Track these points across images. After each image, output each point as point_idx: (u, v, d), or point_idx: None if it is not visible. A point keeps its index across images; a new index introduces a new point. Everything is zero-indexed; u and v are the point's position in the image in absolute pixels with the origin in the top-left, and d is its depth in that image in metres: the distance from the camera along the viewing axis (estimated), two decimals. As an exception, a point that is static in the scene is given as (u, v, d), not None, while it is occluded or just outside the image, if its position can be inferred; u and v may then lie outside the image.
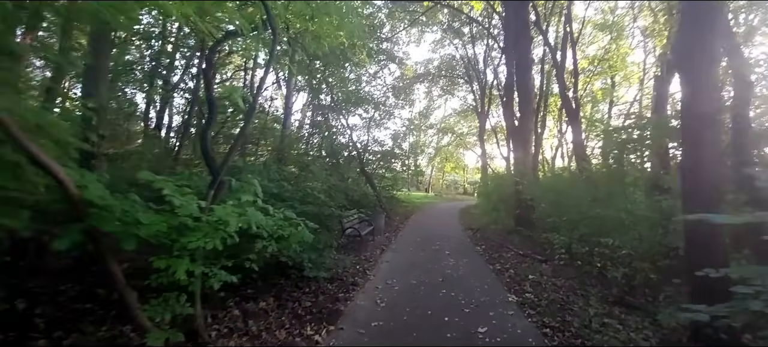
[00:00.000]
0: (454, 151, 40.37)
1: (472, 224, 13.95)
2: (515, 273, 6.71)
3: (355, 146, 15.95)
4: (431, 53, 29.03)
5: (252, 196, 3.17)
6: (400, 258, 7.46)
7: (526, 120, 11.14)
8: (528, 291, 5.58)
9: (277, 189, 5.36)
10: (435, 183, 44.63)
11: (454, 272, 6.57)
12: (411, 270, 6.53)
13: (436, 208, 21.85)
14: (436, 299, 5.03)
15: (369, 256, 7.52)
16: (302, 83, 15.74)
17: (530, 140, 11.49)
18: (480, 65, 25.77)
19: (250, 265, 3.44)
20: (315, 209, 5.19)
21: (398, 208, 17.76)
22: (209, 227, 2.64)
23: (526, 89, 11.09)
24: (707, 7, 3.79)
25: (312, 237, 3.65)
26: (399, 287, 5.42)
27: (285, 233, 3.40)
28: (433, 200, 28.80)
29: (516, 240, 9.98)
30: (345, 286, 5.22)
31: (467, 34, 25.15)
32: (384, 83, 19.47)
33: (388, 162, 18.17)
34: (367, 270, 6.26)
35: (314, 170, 10.56)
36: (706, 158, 3.60)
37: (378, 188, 15.89)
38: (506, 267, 7.15)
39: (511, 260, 7.82)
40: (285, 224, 3.47)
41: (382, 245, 8.98)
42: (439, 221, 15.01)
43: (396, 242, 9.54)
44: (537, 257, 7.70)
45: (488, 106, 26.62)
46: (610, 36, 21.08)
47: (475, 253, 8.45)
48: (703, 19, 3.75)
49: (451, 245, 9.36)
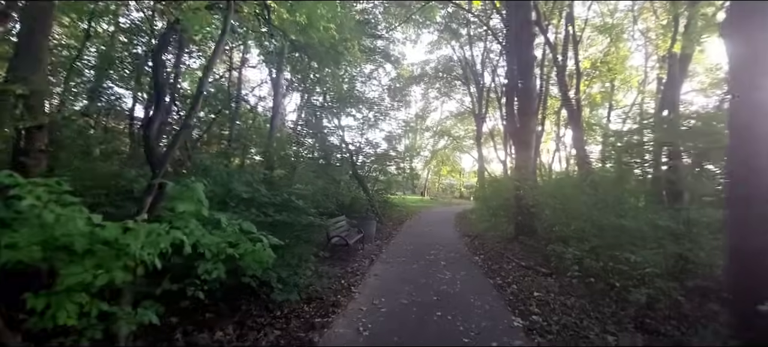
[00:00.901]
0: (450, 154, 39.79)
1: (470, 231, 13.26)
2: (519, 288, 6.01)
3: (347, 148, 15.23)
4: (428, 54, 28.35)
5: (193, 204, 2.44)
6: (390, 271, 6.74)
7: (528, 121, 10.49)
8: (535, 312, 4.88)
9: (248, 194, 4.63)
10: (431, 187, 43.95)
11: (450, 288, 5.86)
12: (402, 285, 5.81)
13: (431, 212, 21.15)
14: (430, 324, 4.31)
15: (356, 268, 6.80)
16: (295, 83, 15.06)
17: (532, 142, 10.84)
18: (477, 67, 25.22)
19: (195, 292, 2.72)
20: (292, 218, 4.46)
21: (392, 212, 17.03)
22: (108, 252, 1.91)
23: (528, 88, 10.44)
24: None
25: (273, 257, 2.92)
26: (387, 309, 4.70)
27: (239, 252, 2.67)
28: (429, 204, 28.11)
29: (517, 249, 9.29)
30: (324, 308, 4.49)
31: (465, 35, 24.62)
32: (379, 83, 18.84)
33: (382, 165, 17.46)
34: (352, 287, 5.53)
35: (301, 172, 9.84)
36: (764, 153, 2.88)
37: (371, 192, 15.17)
38: (508, 282, 6.45)
39: (512, 273, 7.13)
40: (241, 240, 2.75)
41: (372, 254, 8.26)
42: (435, 226, 14.31)
43: (387, 250, 8.82)
44: (541, 270, 7.01)
45: (486, 109, 26.05)
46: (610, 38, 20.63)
47: (473, 264, 7.75)
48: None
49: (447, 254, 8.65)
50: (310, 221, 4.47)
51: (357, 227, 9.07)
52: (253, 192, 4.60)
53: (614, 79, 23.53)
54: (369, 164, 17.32)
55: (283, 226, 4.39)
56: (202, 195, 2.49)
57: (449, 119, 35.84)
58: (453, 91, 30.74)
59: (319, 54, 10.61)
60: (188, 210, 2.41)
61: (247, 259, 2.76)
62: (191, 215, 2.44)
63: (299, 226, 4.43)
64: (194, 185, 2.52)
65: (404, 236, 11.43)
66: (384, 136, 18.30)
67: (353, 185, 14.77)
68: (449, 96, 31.71)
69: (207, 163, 5.27)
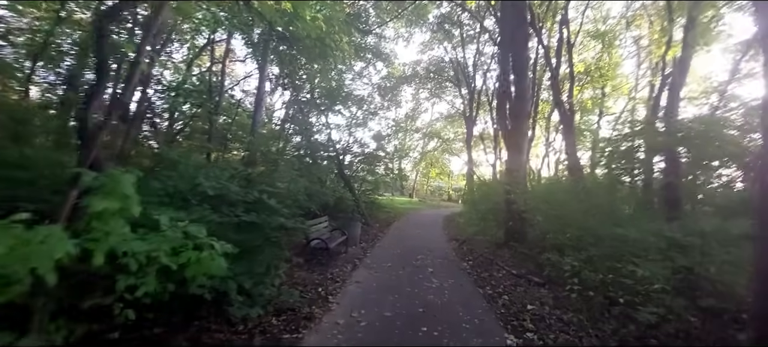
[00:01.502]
0: (439, 156, 39.52)
1: (458, 235, 12.85)
2: (510, 300, 5.58)
3: (333, 146, 14.68)
4: (420, 55, 27.97)
5: (117, 200, 1.91)
6: (374, 278, 6.24)
7: (521, 123, 10.12)
8: (529, 328, 4.45)
9: (214, 191, 4.08)
10: (419, 189, 43.61)
11: (437, 297, 5.39)
12: (386, 294, 5.32)
13: (419, 215, 20.71)
14: (415, 341, 3.84)
15: (337, 274, 6.28)
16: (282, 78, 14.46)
17: (524, 145, 10.48)
18: (469, 69, 24.94)
19: (123, 311, 2.19)
20: (261, 219, 3.93)
21: (379, 214, 16.54)
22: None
23: (522, 89, 10.07)
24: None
25: (223, 268, 2.39)
26: (367, 322, 4.19)
27: (179, 262, 2.15)
28: (417, 207, 27.70)
29: (507, 256, 8.89)
30: (295, 321, 3.96)
31: (457, 36, 24.33)
32: (370, 82, 18.33)
33: (370, 165, 16.95)
34: (330, 296, 5.01)
35: (283, 169, 9.28)
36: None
37: (358, 192, 14.65)
38: (499, 292, 6.02)
39: (503, 281, 6.70)
40: (185, 246, 2.23)
41: (355, 258, 7.75)
42: (423, 229, 13.85)
43: (372, 254, 8.32)
44: (534, 280, 6.60)
45: (476, 111, 25.79)
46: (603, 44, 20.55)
47: (461, 271, 7.31)
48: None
49: (434, 259, 8.20)
50: (281, 223, 3.93)
51: (340, 230, 8.56)
52: (221, 189, 4.06)
53: (605, 86, 23.54)
54: (356, 163, 16.81)
55: (250, 228, 3.86)
56: (130, 189, 1.97)
57: (439, 120, 35.60)
58: (444, 92, 30.45)
59: (306, 47, 10.09)
60: (110, 208, 1.89)
61: (192, 270, 2.24)
62: (115, 214, 1.92)
63: (269, 228, 3.90)
64: (121, 176, 1.99)
65: (391, 239, 10.95)
66: (372, 135, 17.76)
67: (339, 184, 14.23)
68: (440, 97, 31.42)
69: (174, 156, 4.68)
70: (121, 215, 1.97)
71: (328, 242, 6.93)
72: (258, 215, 3.87)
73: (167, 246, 2.16)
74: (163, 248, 2.13)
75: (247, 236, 3.71)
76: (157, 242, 2.12)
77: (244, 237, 3.71)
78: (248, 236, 3.74)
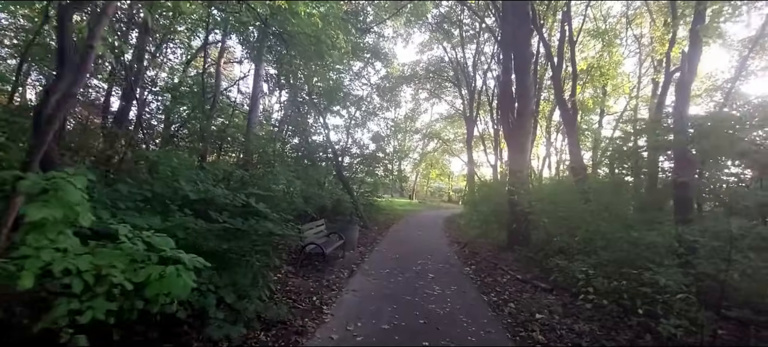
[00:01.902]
0: (439, 157, 39.21)
1: (459, 237, 12.53)
2: (517, 308, 5.26)
3: (331, 147, 14.36)
4: (419, 55, 27.69)
5: (60, 208, 1.59)
6: (372, 285, 5.90)
7: (524, 122, 9.81)
8: (540, 341, 4.12)
9: (197, 195, 3.75)
10: (419, 190, 43.28)
11: (439, 306, 5.07)
12: (384, 304, 4.99)
13: (419, 216, 20.38)
14: (416, 359, 3.52)
15: (333, 281, 5.95)
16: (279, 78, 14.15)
17: (527, 144, 10.17)
18: (469, 69, 24.66)
19: (73, 338, 1.86)
20: (248, 225, 3.59)
21: (378, 216, 16.20)
22: None
23: (525, 87, 9.77)
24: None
25: (189, 288, 2.06)
26: (364, 336, 3.86)
27: (136, 280, 1.82)
28: (417, 208, 27.35)
29: (510, 259, 8.57)
30: (286, 336, 3.63)
31: (457, 36, 24.05)
32: (368, 82, 17.98)
33: (368, 166, 16.63)
34: (324, 306, 4.68)
35: (278, 171, 8.94)
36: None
37: (356, 194, 14.32)
38: (504, 299, 5.70)
39: (508, 287, 6.38)
40: (146, 261, 1.90)
41: (352, 263, 7.42)
42: (423, 232, 13.52)
43: (370, 259, 7.98)
44: (540, 286, 6.28)
45: (477, 111, 25.49)
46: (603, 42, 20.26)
47: (464, 277, 6.98)
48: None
49: (435, 264, 7.88)
50: (270, 230, 3.60)
51: (338, 233, 8.23)
52: (204, 193, 3.73)
53: (606, 85, 23.27)
54: (355, 165, 16.49)
55: (236, 235, 3.53)
56: (76, 195, 1.64)
57: (439, 121, 35.30)
58: (443, 92, 30.17)
59: (302, 45, 9.78)
60: (50, 217, 1.57)
61: (153, 288, 1.92)
62: (57, 224, 1.60)
63: (256, 235, 3.57)
64: (67, 179, 1.67)
65: (390, 242, 10.62)
66: (371, 136, 17.43)
67: (338, 186, 13.91)
68: (440, 97, 31.13)
69: (152, 157, 4.35)
70: (65, 225, 1.66)
71: (324, 247, 6.59)
72: (245, 221, 3.54)
73: (123, 261, 1.84)
74: (117, 263, 1.81)
75: (234, 244, 3.39)
76: (110, 257, 1.80)
77: (230, 246, 3.38)
78: (235, 243, 3.41)
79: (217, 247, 3.26)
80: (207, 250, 3.24)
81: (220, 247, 3.26)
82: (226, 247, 3.27)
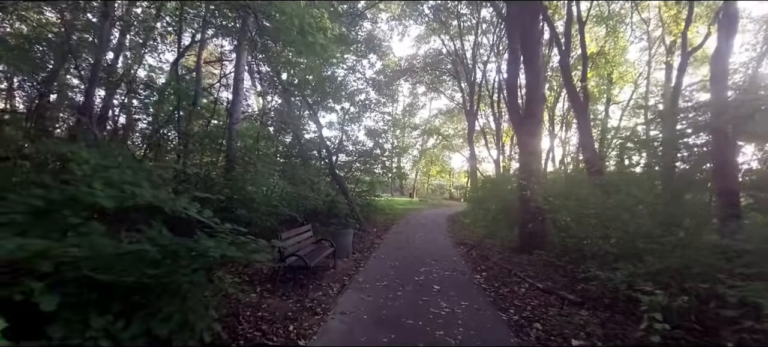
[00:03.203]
0: (439, 154, 38.18)
1: (465, 238, 11.50)
2: (545, 329, 4.24)
3: (324, 144, 13.32)
4: (415, 49, 26.64)
5: None
6: (365, 305, 4.86)
7: (535, 108, 8.77)
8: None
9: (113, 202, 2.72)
10: (419, 188, 42.22)
11: (449, 332, 4.02)
12: (379, 332, 3.95)
13: (420, 216, 19.34)
14: None
15: (318, 301, 4.91)
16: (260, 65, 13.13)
17: (540, 134, 9.14)
18: (468, 61, 23.62)
19: None
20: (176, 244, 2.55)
21: (376, 217, 15.17)
22: None
23: (535, 69, 8.74)
24: None
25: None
26: (350, 389, 2.85)
27: None
28: (418, 207, 26.32)
29: (525, 263, 7.56)
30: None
31: (455, 27, 23.01)
32: (363, 76, 16.90)
33: (365, 164, 15.59)
34: (301, 339, 3.65)
35: (260, 171, 7.93)
36: None
37: (352, 194, 13.28)
38: (528, 317, 4.67)
39: (529, 300, 5.35)
40: None
41: (344, 275, 6.39)
42: (425, 233, 12.48)
43: (366, 269, 6.95)
44: (568, 297, 5.25)
45: (477, 104, 24.45)
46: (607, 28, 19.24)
47: (475, 288, 5.95)
48: None
49: (441, 272, 6.85)
50: (207, 250, 2.52)
51: (328, 239, 7.21)
52: (124, 199, 2.70)
53: (611, 73, 22.30)
54: (351, 162, 15.45)
55: (166, 257, 2.51)
56: None
57: (438, 116, 34.28)
58: (442, 86, 29.15)
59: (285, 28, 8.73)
60: None
61: None
62: None
63: (189, 257, 2.52)
64: None
65: (389, 246, 9.58)
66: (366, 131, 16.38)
67: (333, 187, 12.87)
68: (438, 92, 30.10)
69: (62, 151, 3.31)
70: None
71: (308, 258, 5.55)
72: (172, 239, 2.52)
73: None
74: None
75: (156, 272, 2.36)
76: None
77: (153, 274, 2.35)
78: (158, 270, 2.38)
79: (128, 278, 2.23)
80: (110, 283, 2.22)
81: (140, 278, 2.24)
82: (147, 278, 2.25)
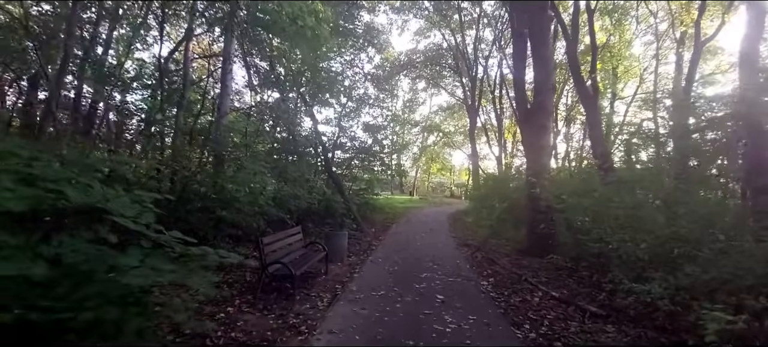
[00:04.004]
0: (440, 151, 37.54)
1: (468, 238, 10.88)
2: (569, 352, 3.61)
3: (320, 140, 12.68)
4: (415, 44, 25.94)
5: None
6: (358, 321, 4.20)
7: (544, 99, 8.14)
8: None
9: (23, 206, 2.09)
10: (420, 186, 41.59)
11: (456, 356, 3.41)
12: (374, 356, 3.34)
13: (421, 214, 18.71)
14: None
15: (304, 315, 4.27)
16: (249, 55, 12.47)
17: (549, 126, 8.50)
18: (469, 56, 22.94)
19: None
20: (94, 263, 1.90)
21: (375, 217, 14.54)
22: None
23: (544, 57, 8.11)
24: None
25: None
26: None
27: None
28: (418, 205, 25.69)
29: (536, 267, 6.94)
30: None
31: (456, 20, 22.34)
32: (361, 69, 16.23)
33: (363, 161, 14.95)
34: (278, 370, 3.03)
35: (247, 168, 7.29)
36: None
37: (349, 193, 12.65)
38: (546, 334, 4.04)
39: (545, 312, 4.72)
40: None
41: (337, 283, 5.75)
42: (426, 234, 11.84)
43: (361, 275, 6.31)
44: (589, 309, 4.62)
45: (479, 100, 23.79)
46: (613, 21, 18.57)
47: (484, 298, 5.31)
48: None
49: (444, 278, 6.21)
50: (129, 272, 1.86)
51: (320, 243, 6.58)
52: (38, 201, 2.06)
53: (617, 67, 21.72)
54: (349, 159, 14.80)
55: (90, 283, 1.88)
56: None
57: (439, 113, 33.64)
58: (443, 81, 28.47)
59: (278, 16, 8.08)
60: None
61: None
62: None
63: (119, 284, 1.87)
64: None
65: (387, 248, 8.94)
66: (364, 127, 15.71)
67: (329, 185, 12.24)
68: (439, 87, 29.42)
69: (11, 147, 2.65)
70: None
71: (294, 265, 4.92)
72: (88, 259, 1.87)
73: None
74: None
75: (60, 301, 1.72)
76: None
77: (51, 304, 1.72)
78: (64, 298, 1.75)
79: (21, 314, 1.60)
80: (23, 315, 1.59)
81: (24, 314, 1.61)
82: (36, 313, 1.61)
